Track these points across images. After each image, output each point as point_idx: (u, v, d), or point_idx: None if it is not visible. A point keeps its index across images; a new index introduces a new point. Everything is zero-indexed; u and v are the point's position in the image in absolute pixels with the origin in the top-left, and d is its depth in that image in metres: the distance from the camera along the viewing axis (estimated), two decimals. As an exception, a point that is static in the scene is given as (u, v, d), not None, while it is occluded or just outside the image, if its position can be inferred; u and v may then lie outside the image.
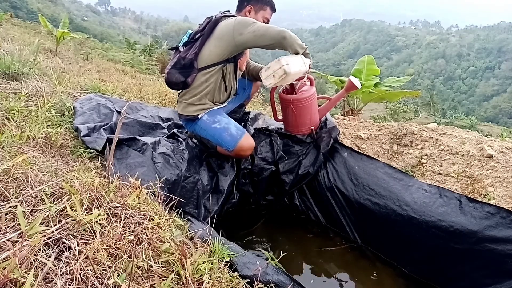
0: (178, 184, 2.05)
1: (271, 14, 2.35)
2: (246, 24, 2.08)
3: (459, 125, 18.50)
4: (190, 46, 2.20)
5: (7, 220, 1.11)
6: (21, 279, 0.90)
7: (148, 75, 6.32)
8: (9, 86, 2.43)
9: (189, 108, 2.24)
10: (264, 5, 2.27)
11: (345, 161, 2.45)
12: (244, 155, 2.31)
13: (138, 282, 1.07)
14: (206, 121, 2.22)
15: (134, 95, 3.50)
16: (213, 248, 1.40)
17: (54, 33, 6.62)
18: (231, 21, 2.13)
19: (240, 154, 2.25)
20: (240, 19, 2.11)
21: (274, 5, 2.33)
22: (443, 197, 2.04)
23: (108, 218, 1.25)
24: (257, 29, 2.05)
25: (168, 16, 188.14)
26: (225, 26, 2.14)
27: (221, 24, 2.16)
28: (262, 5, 2.27)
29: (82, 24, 41.71)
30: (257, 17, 2.26)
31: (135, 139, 2.09)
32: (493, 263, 1.77)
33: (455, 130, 2.96)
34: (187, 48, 2.21)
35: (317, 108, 2.54)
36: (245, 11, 2.27)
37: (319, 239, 2.43)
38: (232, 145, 2.19)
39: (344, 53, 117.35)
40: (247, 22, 2.08)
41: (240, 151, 2.22)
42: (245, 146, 2.23)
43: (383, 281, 2.11)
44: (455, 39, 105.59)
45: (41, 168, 1.50)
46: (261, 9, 2.27)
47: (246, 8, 2.26)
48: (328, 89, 20.50)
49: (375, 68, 4.09)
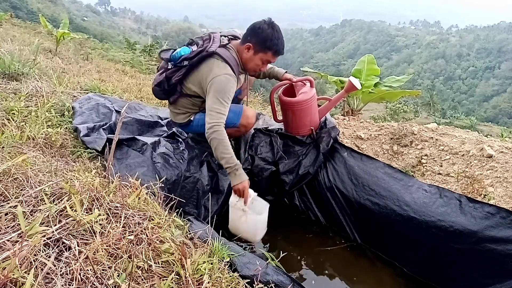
0: (178, 184, 2.05)
1: (275, 58, 2.13)
2: (215, 94, 1.97)
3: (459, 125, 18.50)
4: (177, 69, 2.12)
5: (7, 220, 1.11)
6: (21, 279, 0.90)
7: (148, 75, 6.32)
8: (9, 86, 2.43)
9: (180, 116, 2.29)
10: (266, 49, 2.04)
11: (345, 161, 2.45)
12: (251, 123, 2.37)
13: (138, 282, 1.07)
14: (201, 117, 2.22)
15: (134, 95, 3.50)
16: (213, 248, 1.40)
17: (54, 33, 6.62)
18: (211, 75, 1.99)
19: (248, 122, 2.32)
20: (217, 86, 1.97)
21: (280, 49, 2.07)
22: (443, 197, 2.04)
23: (108, 218, 1.25)
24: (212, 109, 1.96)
25: (168, 16, 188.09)
26: (205, 73, 2.02)
27: (205, 67, 2.03)
28: (263, 47, 2.04)
29: (82, 24, 41.70)
30: (254, 58, 2.08)
31: (135, 139, 2.10)
32: (493, 263, 1.77)
33: (455, 130, 2.96)
34: (174, 70, 2.13)
35: (317, 109, 2.53)
36: (245, 47, 2.07)
37: (319, 239, 2.42)
38: (237, 118, 2.23)
39: (344, 53, 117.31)
40: (217, 95, 1.96)
41: (247, 119, 2.29)
42: (250, 113, 2.32)
43: (383, 281, 2.11)
44: (455, 39, 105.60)
45: (41, 168, 1.50)
46: (261, 52, 2.05)
47: (247, 44, 2.06)
48: (328, 89, 20.50)
49: (375, 68, 4.09)
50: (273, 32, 2.02)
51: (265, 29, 2.01)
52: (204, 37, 2.17)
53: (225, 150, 1.96)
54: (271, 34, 2.01)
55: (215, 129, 1.95)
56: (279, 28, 2.07)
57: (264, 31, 2.01)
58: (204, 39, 2.15)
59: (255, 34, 2.03)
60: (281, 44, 2.06)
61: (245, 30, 2.12)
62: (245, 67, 2.15)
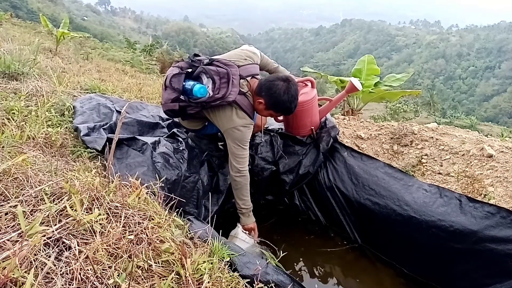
0: (178, 184, 2.05)
1: (282, 115, 2.29)
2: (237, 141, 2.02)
3: (459, 125, 18.50)
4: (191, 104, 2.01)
5: (7, 220, 1.11)
6: (21, 279, 0.90)
7: (148, 75, 6.32)
8: (9, 85, 2.42)
9: (193, 123, 2.27)
10: (277, 111, 2.07)
11: (345, 160, 2.45)
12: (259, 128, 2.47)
13: (138, 282, 1.07)
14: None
15: (134, 95, 3.50)
16: (213, 248, 1.40)
17: (54, 32, 6.62)
18: (230, 123, 2.00)
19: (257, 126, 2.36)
20: (238, 136, 2.01)
21: (292, 110, 2.06)
22: (443, 197, 2.04)
23: (108, 218, 1.25)
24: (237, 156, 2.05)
25: (168, 16, 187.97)
26: (223, 119, 2.02)
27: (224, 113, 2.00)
28: (274, 108, 2.03)
29: (82, 24, 41.68)
30: (264, 111, 2.08)
31: (135, 138, 2.09)
32: (493, 263, 1.77)
33: (455, 130, 2.96)
34: (187, 105, 2.03)
35: (318, 110, 2.53)
36: (258, 100, 2.02)
37: (319, 239, 2.43)
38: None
39: (344, 53, 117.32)
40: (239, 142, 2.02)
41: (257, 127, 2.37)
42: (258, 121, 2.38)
43: (383, 281, 2.11)
44: (455, 39, 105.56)
45: (41, 168, 1.50)
46: (272, 109, 2.04)
47: (260, 99, 2.01)
48: (328, 89, 20.51)
49: (375, 67, 4.10)
50: (287, 97, 1.98)
51: (280, 94, 1.97)
52: (221, 73, 1.96)
53: (246, 193, 2.13)
54: (285, 100, 1.98)
55: (242, 174, 2.09)
56: (294, 87, 2.01)
57: (278, 96, 1.97)
58: (221, 77, 1.96)
59: (269, 95, 1.99)
60: (293, 107, 2.05)
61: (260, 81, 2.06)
62: (256, 112, 2.18)
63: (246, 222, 2.15)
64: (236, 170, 2.07)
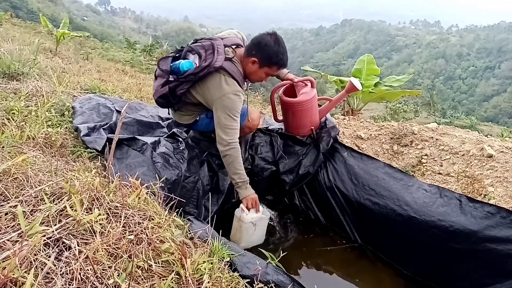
0: (178, 184, 2.05)
1: (278, 71, 2.18)
2: (226, 111, 1.97)
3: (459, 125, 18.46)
4: (180, 82, 2.04)
5: (7, 220, 1.11)
6: (21, 279, 0.90)
7: (148, 75, 6.32)
8: (9, 86, 2.43)
9: (185, 117, 2.26)
10: (272, 65, 2.04)
11: (345, 161, 2.45)
12: (256, 125, 2.42)
13: (138, 282, 1.07)
14: (206, 117, 2.22)
15: (134, 95, 3.51)
16: (213, 248, 1.40)
17: (54, 33, 6.62)
18: (219, 92, 1.97)
19: (253, 124, 2.36)
20: (227, 104, 1.97)
21: (285, 63, 2.08)
22: (443, 197, 2.04)
23: (108, 218, 1.25)
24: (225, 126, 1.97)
25: (168, 16, 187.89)
26: (212, 89, 1.99)
27: (212, 82, 1.99)
28: (269, 63, 2.03)
29: (82, 24, 41.63)
30: (259, 71, 2.06)
31: (135, 139, 2.10)
32: (493, 263, 1.77)
33: (455, 130, 2.96)
34: (177, 83, 2.05)
35: (318, 110, 2.53)
36: (249, 61, 2.03)
37: (319, 239, 2.42)
38: (242, 119, 2.22)
39: (344, 53, 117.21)
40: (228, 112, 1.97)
41: (252, 120, 2.35)
42: (255, 115, 2.38)
43: (383, 281, 2.11)
44: (455, 39, 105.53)
45: (41, 168, 1.50)
46: (266, 66, 2.04)
47: (252, 58, 2.02)
48: (328, 89, 20.47)
49: (375, 67, 4.10)
50: (279, 48, 1.99)
51: (271, 45, 1.98)
52: (205, 45, 2.04)
53: (239, 166, 2.05)
54: (277, 51, 1.99)
55: (232, 146, 2.00)
56: (283, 40, 2.05)
57: (270, 47, 1.98)
58: (206, 49, 2.03)
59: (261, 50, 2.00)
60: (286, 59, 2.06)
61: (249, 41, 2.10)
62: (248, 78, 2.14)
63: (246, 194, 2.07)
64: (225, 143, 1.98)
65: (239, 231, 2.10)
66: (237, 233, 2.12)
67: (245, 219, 2.05)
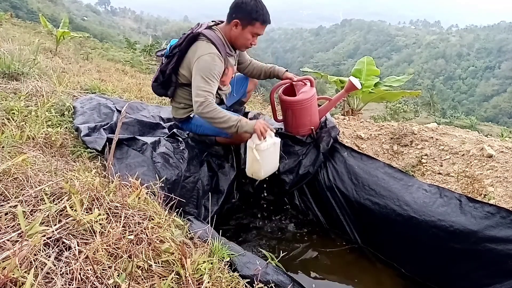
0: (178, 184, 2.05)
1: (263, 28, 2.12)
2: (200, 73, 1.99)
3: (459, 125, 18.46)
4: (169, 60, 2.18)
5: (7, 220, 1.11)
6: (21, 279, 0.90)
7: (148, 75, 6.32)
8: (9, 86, 2.43)
9: (180, 111, 2.30)
10: (253, 20, 2.04)
11: (345, 161, 2.45)
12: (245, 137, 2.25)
13: (138, 282, 1.07)
14: (200, 118, 2.22)
15: (134, 95, 3.50)
16: (213, 248, 1.40)
17: (54, 33, 6.62)
18: (196, 55, 2.02)
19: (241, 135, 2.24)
20: (201, 65, 1.99)
21: (267, 18, 2.08)
22: (443, 197, 2.04)
23: (108, 218, 1.25)
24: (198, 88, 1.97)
25: (168, 16, 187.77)
26: (191, 55, 2.07)
27: (192, 49, 2.08)
28: (250, 20, 2.03)
29: (82, 24, 41.61)
30: (243, 32, 2.08)
31: (135, 139, 2.10)
32: (493, 263, 1.77)
33: (455, 130, 2.96)
34: (167, 62, 2.20)
35: (317, 109, 2.53)
36: (232, 25, 2.07)
37: (319, 239, 2.42)
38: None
39: (344, 53, 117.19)
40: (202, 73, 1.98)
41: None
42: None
43: (383, 281, 2.11)
44: (455, 39, 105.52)
45: (41, 168, 1.50)
46: (249, 24, 2.05)
47: (233, 22, 2.06)
48: (328, 89, 20.45)
49: (375, 68, 4.09)
50: (256, 3, 2.03)
51: (247, 2, 2.03)
52: (193, 28, 2.20)
53: (224, 114, 1.98)
54: (255, 6, 2.03)
55: (205, 104, 1.95)
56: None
57: (247, 4, 2.03)
58: (193, 29, 2.18)
59: (239, 9, 2.05)
60: (266, 13, 2.08)
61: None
62: (235, 45, 2.17)
63: (252, 125, 2.01)
64: (198, 103, 1.96)
65: (257, 162, 2.05)
66: (254, 164, 2.08)
67: (262, 146, 2.01)
